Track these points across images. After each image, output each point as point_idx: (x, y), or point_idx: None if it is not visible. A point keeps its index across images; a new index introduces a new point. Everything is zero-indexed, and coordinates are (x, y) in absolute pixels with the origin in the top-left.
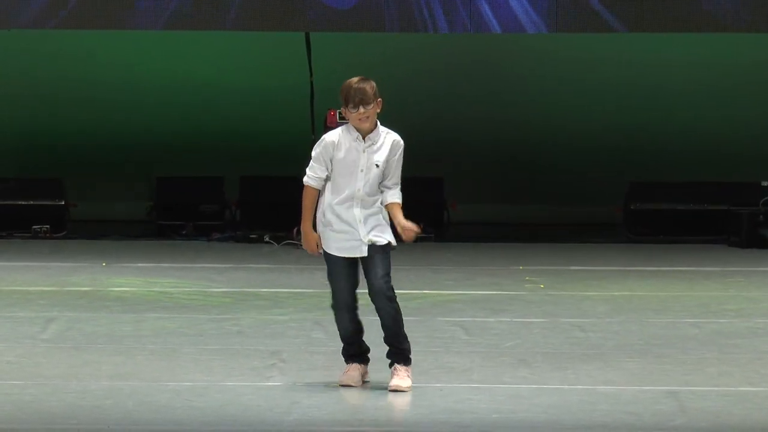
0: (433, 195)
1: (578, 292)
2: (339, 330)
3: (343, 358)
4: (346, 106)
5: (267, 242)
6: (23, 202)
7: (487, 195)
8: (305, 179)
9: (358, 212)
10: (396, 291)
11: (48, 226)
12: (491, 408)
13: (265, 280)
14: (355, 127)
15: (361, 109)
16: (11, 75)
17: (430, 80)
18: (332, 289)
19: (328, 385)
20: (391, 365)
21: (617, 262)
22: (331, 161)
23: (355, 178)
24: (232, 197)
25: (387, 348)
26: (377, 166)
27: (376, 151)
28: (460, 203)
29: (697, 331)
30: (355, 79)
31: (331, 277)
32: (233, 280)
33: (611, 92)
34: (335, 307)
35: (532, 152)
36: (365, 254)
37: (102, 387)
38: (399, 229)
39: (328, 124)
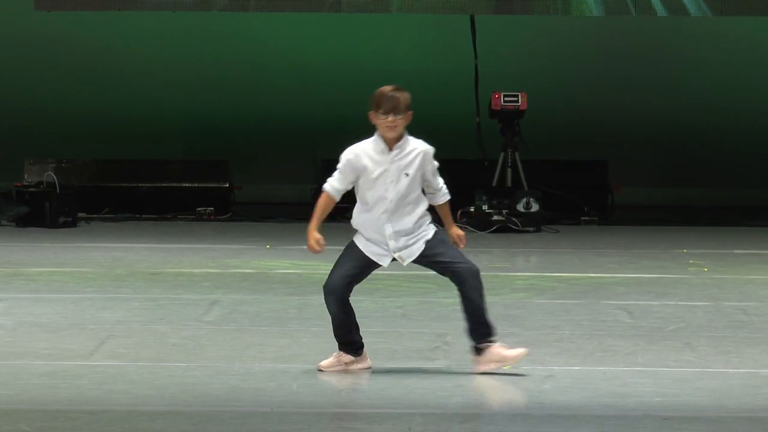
0: (597, 178)
1: (742, 276)
2: (330, 314)
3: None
4: (377, 112)
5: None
6: (188, 185)
7: (651, 178)
8: (325, 185)
9: (388, 227)
10: (560, 274)
11: (212, 209)
12: (655, 391)
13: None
14: (382, 136)
15: (391, 117)
16: (177, 57)
17: (593, 63)
18: (331, 270)
19: (492, 369)
20: (481, 347)
21: None
22: (357, 177)
23: (385, 190)
24: None
25: (474, 340)
26: (407, 175)
27: (404, 160)
28: (624, 186)
29: None
30: (389, 87)
31: (340, 259)
32: (397, 263)
33: None
34: (324, 289)
35: (696, 135)
36: (386, 265)
37: (265, 369)
38: (451, 239)
39: (493, 107)
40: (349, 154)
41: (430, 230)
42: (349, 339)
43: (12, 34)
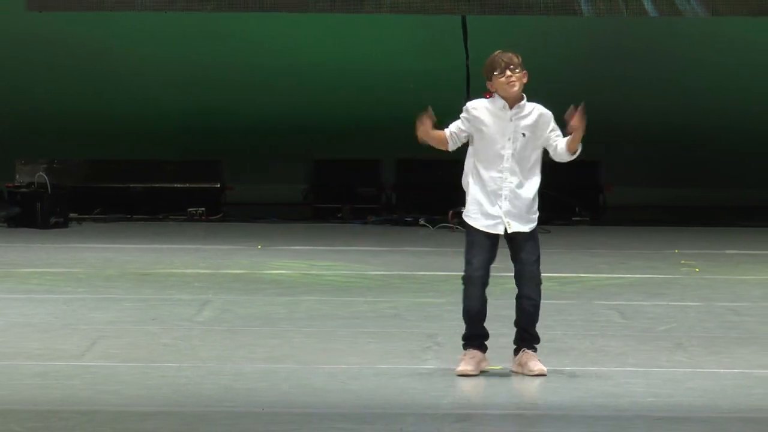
0: (588, 178)
1: (734, 276)
2: (465, 308)
3: (462, 343)
4: (492, 75)
5: (423, 225)
6: (180, 185)
7: (643, 178)
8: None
9: (506, 186)
10: (551, 274)
11: (203, 209)
12: (647, 392)
13: (421, 264)
14: (502, 96)
15: (508, 72)
16: (170, 58)
17: (585, 63)
18: (467, 260)
19: (484, 369)
20: (518, 350)
21: None
22: (473, 129)
23: (502, 147)
24: (389, 180)
25: (515, 336)
26: (524, 135)
27: (523, 120)
28: (616, 186)
29: None
30: (498, 51)
31: (470, 248)
32: (389, 263)
33: None
34: (467, 280)
35: (688, 135)
36: (502, 233)
37: (257, 369)
38: (572, 128)
39: None
40: (468, 104)
41: (534, 220)
42: (485, 333)
43: (4, 34)
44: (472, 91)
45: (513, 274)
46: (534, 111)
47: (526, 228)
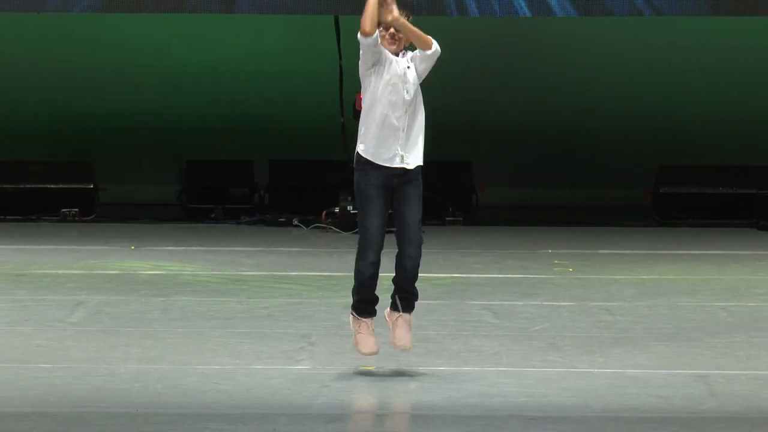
0: (461, 178)
1: (607, 276)
2: (357, 276)
3: (353, 314)
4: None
5: (296, 225)
6: (52, 186)
7: (515, 178)
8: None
9: (403, 123)
10: (424, 274)
11: (77, 210)
12: (520, 391)
13: (294, 264)
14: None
15: (392, 30)
16: (41, 58)
17: (458, 63)
18: (363, 226)
19: (358, 369)
20: (392, 313)
21: (646, 245)
22: (376, 59)
23: (402, 87)
24: (262, 181)
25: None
26: (408, 68)
27: (406, 57)
28: (488, 186)
29: (726, 315)
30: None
31: (364, 213)
32: (263, 264)
33: (640, 76)
34: (363, 247)
35: (560, 135)
36: (401, 165)
37: (130, 370)
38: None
39: (357, 108)
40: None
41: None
42: (372, 296)
43: None
44: (346, 91)
45: (389, 274)
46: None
47: (414, 163)
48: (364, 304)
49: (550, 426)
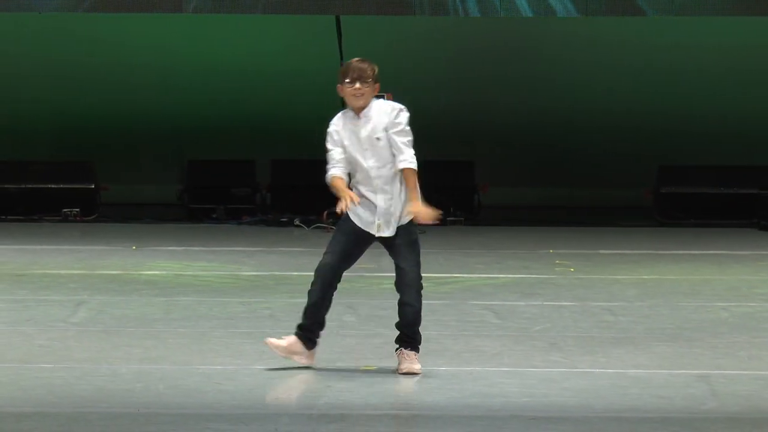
0: (463, 178)
1: (608, 276)
2: (307, 297)
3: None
4: (343, 82)
5: (297, 226)
6: (54, 186)
7: (517, 178)
8: (328, 174)
9: (380, 198)
10: (426, 274)
11: (78, 210)
12: (522, 392)
13: (296, 264)
14: (350, 106)
15: (357, 85)
16: (43, 58)
17: (460, 64)
18: (325, 252)
19: (360, 369)
20: (398, 349)
21: (647, 245)
22: (343, 148)
23: (363, 158)
24: (263, 181)
25: (397, 334)
26: (378, 139)
27: (370, 124)
28: (490, 186)
29: (727, 315)
30: (356, 59)
31: (333, 240)
32: (264, 264)
33: (642, 76)
34: (316, 270)
35: (562, 135)
36: (376, 234)
37: (132, 370)
38: (410, 214)
39: None
40: (330, 127)
41: (408, 217)
42: (313, 325)
43: None
44: None
45: (392, 275)
46: (381, 109)
47: (394, 226)
48: (303, 329)
49: (551, 426)
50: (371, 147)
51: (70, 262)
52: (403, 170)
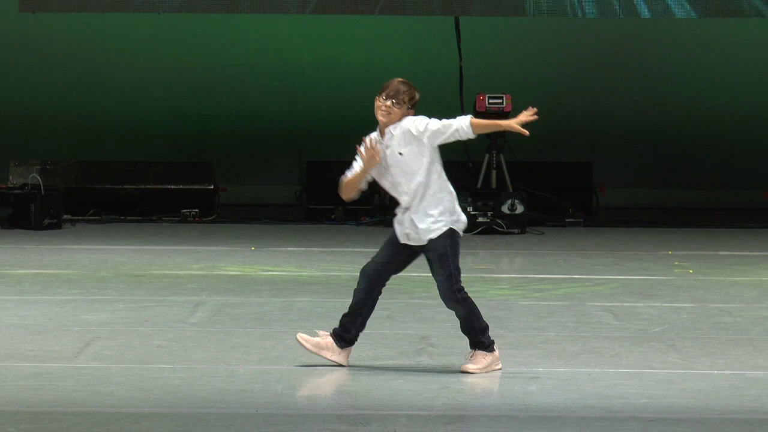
0: (582, 179)
1: (727, 278)
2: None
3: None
4: (379, 95)
5: None
6: (173, 186)
7: (636, 179)
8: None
9: (407, 216)
10: (544, 276)
11: (197, 210)
12: (640, 393)
13: (414, 265)
14: (378, 120)
15: (388, 102)
16: (162, 59)
17: (578, 64)
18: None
19: (483, 370)
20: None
21: (766, 247)
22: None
23: (389, 173)
24: None
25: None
26: (401, 154)
27: (394, 140)
28: (609, 187)
29: None
30: (400, 79)
31: (382, 245)
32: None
33: (761, 76)
34: (361, 272)
35: (681, 136)
36: (401, 242)
37: (250, 371)
38: (515, 127)
39: (477, 109)
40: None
41: (441, 229)
42: (349, 323)
43: None
44: (466, 91)
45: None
46: (401, 124)
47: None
48: (339, 326)
49: (670, 428)
50: (396, 163)
51: (188, 263)
52: (470, 123)
